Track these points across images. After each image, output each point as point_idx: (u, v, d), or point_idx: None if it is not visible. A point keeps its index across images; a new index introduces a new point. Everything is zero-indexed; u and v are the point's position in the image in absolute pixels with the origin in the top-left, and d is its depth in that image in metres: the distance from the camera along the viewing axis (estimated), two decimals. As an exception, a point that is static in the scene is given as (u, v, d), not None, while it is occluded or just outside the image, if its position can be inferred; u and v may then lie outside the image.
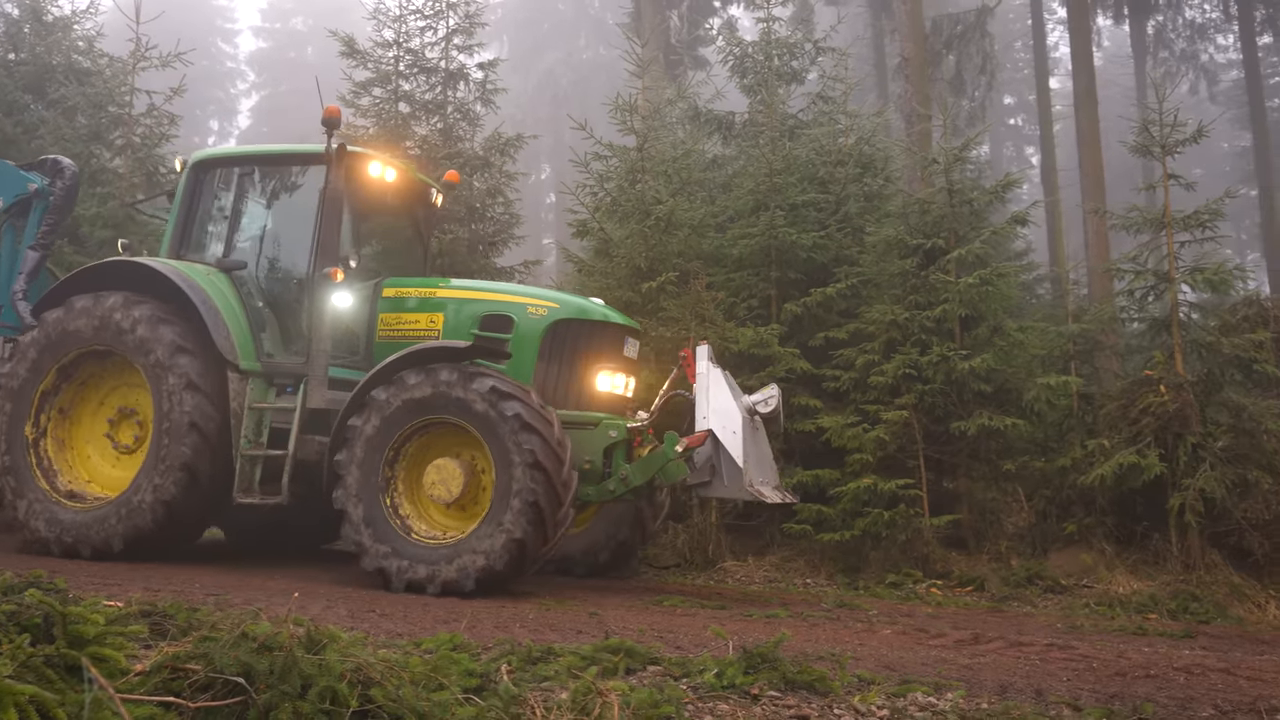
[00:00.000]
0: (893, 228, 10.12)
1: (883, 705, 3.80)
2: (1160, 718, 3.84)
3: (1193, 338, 9.00)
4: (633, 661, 4.16)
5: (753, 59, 13.42)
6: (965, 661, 4.98)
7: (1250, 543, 8.11)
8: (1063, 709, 3.91)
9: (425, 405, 6.80)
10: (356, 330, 7.90)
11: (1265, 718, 3.88)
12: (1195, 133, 9.05)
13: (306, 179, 8.16)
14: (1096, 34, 30.04)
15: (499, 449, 6.57)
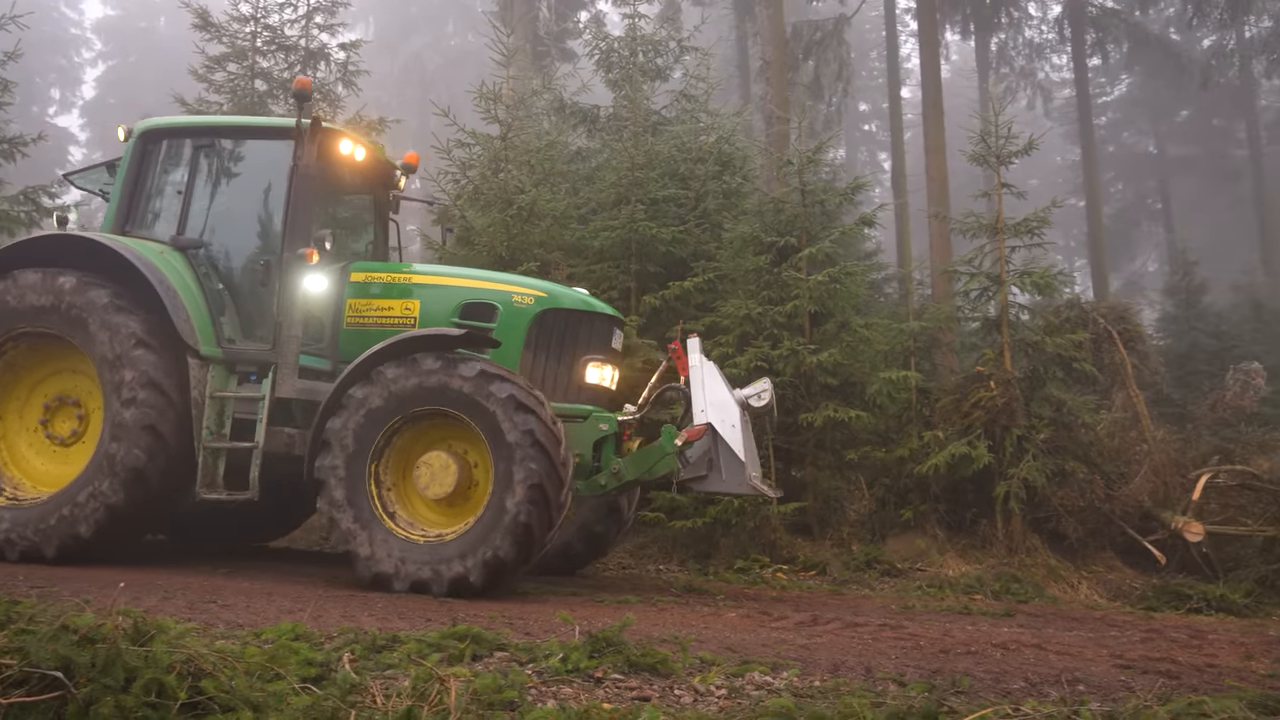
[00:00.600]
0: (749, 225, 10.36)
1: (721, 685, 3.91)
2: (976, 690, 4.07)
3: (1020, 337, 9.55)
4: (479, 648, 4.15)
5: (619, 54, 13.49)
6: (803, 642, 5.16)
7: (1066, 528, 8.70)
8: (889, 684, 4.10)
9: (411, 397, 6.43)
10: (321, 316, 7.38)
11: (1068, 687, 4.16)
12: (1026, 145, 9.60)
13: (272, 154, 7.50)
14: (945, 48, 31.35)
15: (495, 434, 6.24)
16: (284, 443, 6.95)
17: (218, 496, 6.83)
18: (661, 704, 3.61)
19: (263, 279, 7.33)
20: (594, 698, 3.61)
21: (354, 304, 7.44)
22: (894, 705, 3.48)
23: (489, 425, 6.28)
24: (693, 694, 3.78)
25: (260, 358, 7.14)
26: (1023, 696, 3.95)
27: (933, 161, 19.67)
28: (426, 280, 7.56)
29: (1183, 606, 7.71)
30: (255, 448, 6.78)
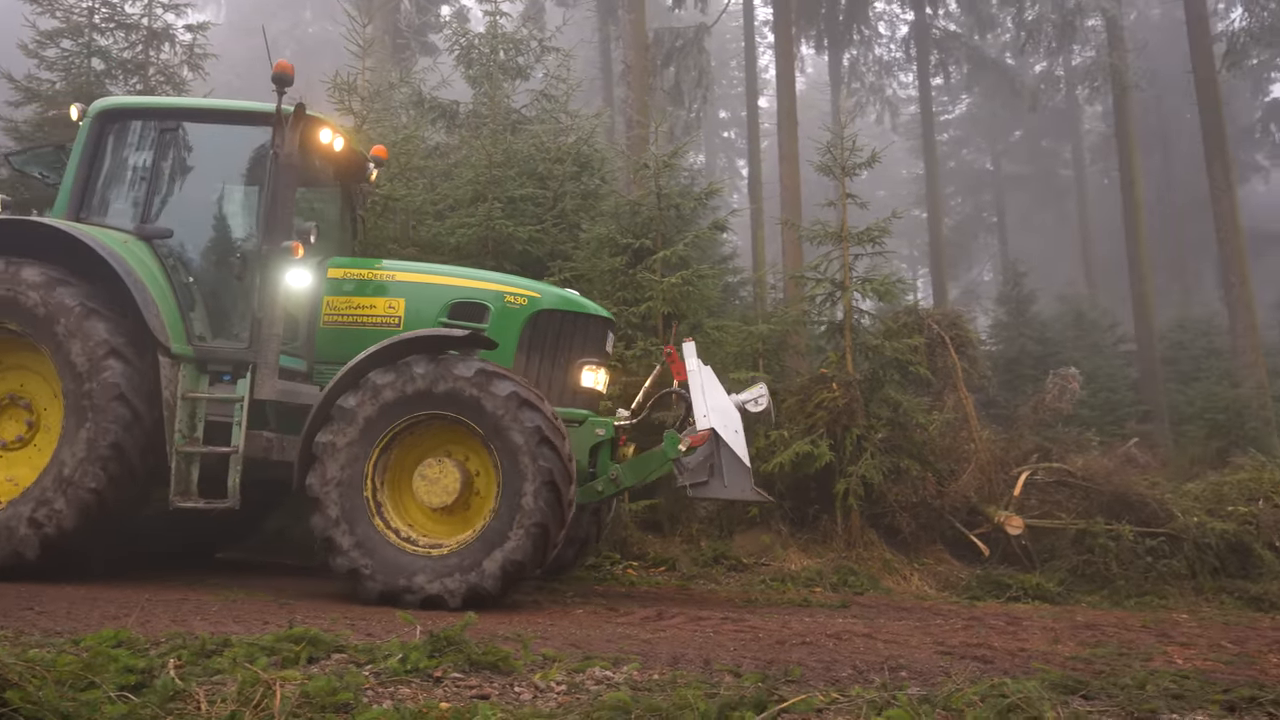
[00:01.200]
0: (605, 226, 10.43)
1: (562, 681, 3.92)
2: (806, 678, 4.22)
3: (861, 341, 9.94)
4: (316, 650, 4.03)
5: (480, 51, 13.35)
6: (647, 637, 5.23)
7: (900, 522, 9.10)
8: (725, 675, 4.20)
9: (406, 404, 6.10)
10: (296, 314, 6.93)
11: (891, 673, 4.36)
12: (870, 158, 10.00)
13: (247, 140, 7.07)
14: (800, 61, 32.38)
15: (499, 434, 5.97)
16: (262, 447, 6.55)
17: (193, 505, 6.34)
18: (500, 701, 3.60)
19: (238, 273, 6.90)
20: (432, 697, 3.57)
21: (332, 301, 7.04)
22: (727, 695, 3.57)
23: (492, 426, 6.00)
24: (533, 690, 3.78)
25: (234, 356, 6.71)
26: (849, 683, 4.11)
27: (786, 170, 20.25)
28: (412, 278, 7.17)
29: (1003, 595, 8.19)
30: (235, 453, 6.36)
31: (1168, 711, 3.64)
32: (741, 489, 6.64)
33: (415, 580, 5.92)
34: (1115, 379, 20.07)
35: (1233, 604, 8.24)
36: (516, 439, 5.93)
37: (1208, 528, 8.79)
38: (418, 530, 6.26)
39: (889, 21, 32.87)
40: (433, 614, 5.51)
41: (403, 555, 6.01)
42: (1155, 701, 3.78)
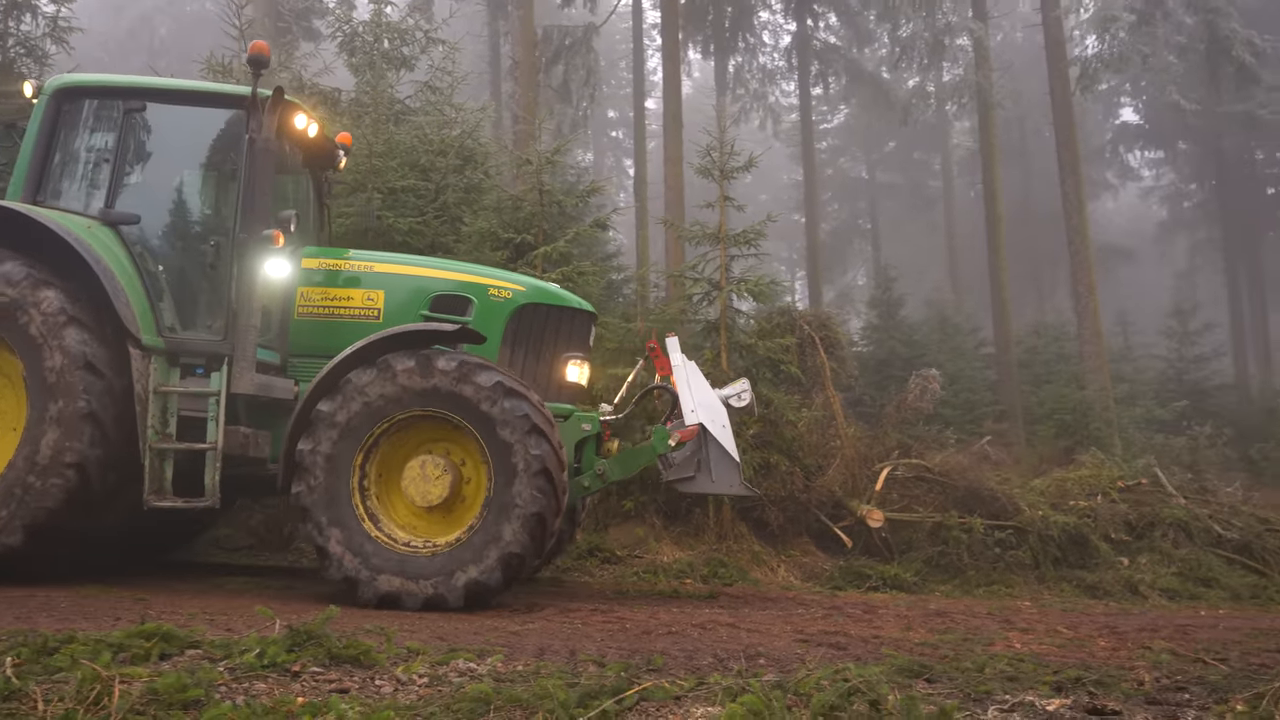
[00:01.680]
0: (487, 220, 10.34)
1: (424, 674, 3.87)
2: (668, 667, 4.28)
3: (736, 340, 10.12)
4: (169, 646, 3.88)
5: (363, 39, 13.05)
6: (515, 629, 5.22)
7: (769, 516, 9.31)
8: (589, 665, 4.22)
9: (389, 404, 5.92)
10: (269, 305, 6.58)
11: (749, 661, 4.46)
12: (748, 162, 10.18)
13: (219, 123, 6.73)
14: (687, 65, 32.73)
15: (486, 426, 5.83)
16: (239, 443, 6.27)
17: (170, 504, 6.06)
18: (360, 695, 3.54)
19: (211, 261, 6.56)
20: (288, 692, 3.48)
21: (306, 292, 6.73)
22: (587, 684, 3.59)
23: (478, 418, 5.86)
24: (394, 684, 3.73)
25: (207, 349, 6.40)
26: (709, 670, 4.19)
27: (671, 171, 20.42)
28: (392, 269, 6.91)
29: (863, 585, 8.48)
30: (213, 449, 6.08)
31: (1002, 693, 3.82)
32: (730, 484, 6.65)
33: (412, 582, 5.79)
34: (975, 380, 20.97)
35: (1071, 592, 8.73)
36: (505, 430, 5.81)
37: (1051, 521, 9.29)
38: (410, 531, 6.11)
39: (773, 31, 33.50)
40: (296, 608, 5.37)
41: (396, 557, 5.86)
42: (991, 683, 3.98)
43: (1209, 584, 9.03)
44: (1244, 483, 13.61)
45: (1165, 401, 20.64)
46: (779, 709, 3.14)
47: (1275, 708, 3.66)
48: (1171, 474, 11.49)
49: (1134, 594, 8.64)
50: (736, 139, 10.54)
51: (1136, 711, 3.64)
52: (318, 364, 6.34)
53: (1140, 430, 17.72)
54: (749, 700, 3.24)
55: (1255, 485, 14.42)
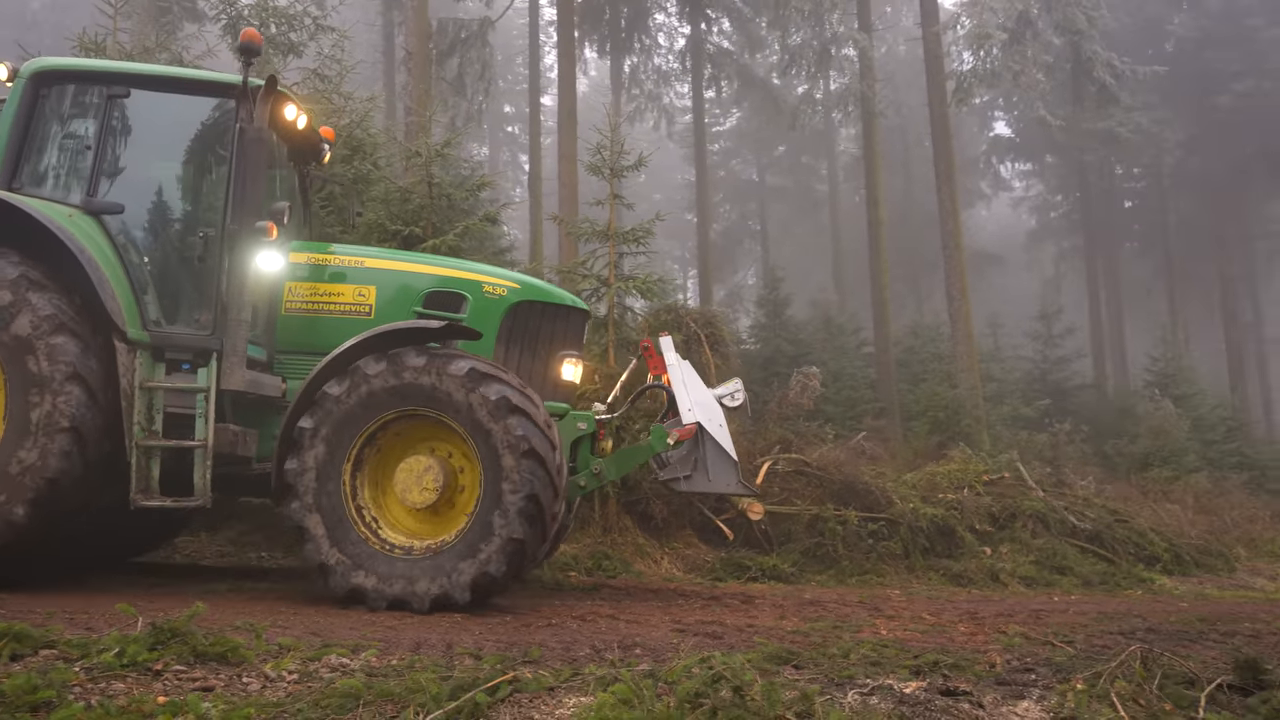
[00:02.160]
0: (375, 212, 10.12)
1: (294, 670, 3.78)
2: (545, 658, 4.28)
3: (624, 336, 10.17)
4: (21, 646, 3.68)
5: (248, 22, 12.59)
6: (392, 624, 5.13)
7: (654, 509, 9.38)
8: (465, 659, 4.19)
9: (393, 397, 5.75)
10: (258, 299, 6.33)
11: (626, 651, 4.50)
12: (637, 161, 10.24)
13: (208, 111, 6.42)
14: (584, 63, 32.64)
15: (484, 440, 5.63)
16: (229, 441, 6.04)
17: (158, 503, 5.84)
18: (226, 693, 3.43)
19: (201, 254, 6.25)
20: (150, 691, 3.35)
21: (294, 287, 6.51)
22: (461, 677, 3.56)
23: (478, 429, 5.67)
24: (262, 680, 3.62)
25: (194, 344, 6.15)
26: (586, 661, 4.21)
27: (565, 168, 20.37)
28: (385, 264, 6.69)
29: (743, 576, 8.64)
30: (203, 447, 5.86)
31: (863, 677, 3.95)
32: (727, 482, 6.58)
33: (382, 580, 5.63)
34: (856, 378, 21.59)
35: (938, 580, 9.08)
36: (485, 416, 5.64)
37: (921, 513, 9.64)
38: (399, 528, 5.94)
39: (668, 33, 33.76)
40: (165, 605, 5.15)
41: (374, 553, 5.69)
42: (855, 669, 4.10)
43: (1063, 571, 9.51)
44: (1097, 477, 14.41)
45: (1030, 400, 21.64)
46: (649, 697, 3.18)
47: (1111, 685, 3.88)
48: (1032, 468, 12.07)
49: (995, 581, 9.03)
50: (631, 138, 10.60)
51: (986, 692, 3.80)
52: (305, 361, 6.23)
53: (1007, 427, 18.54)
54: (619, 689, 3.27)
55: (1108, 479, 15.27)
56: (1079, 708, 3.62)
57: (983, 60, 19.92)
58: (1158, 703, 3.81)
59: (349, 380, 5.79)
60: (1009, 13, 19.73)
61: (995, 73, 19.97)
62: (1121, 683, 3.92)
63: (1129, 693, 3.84)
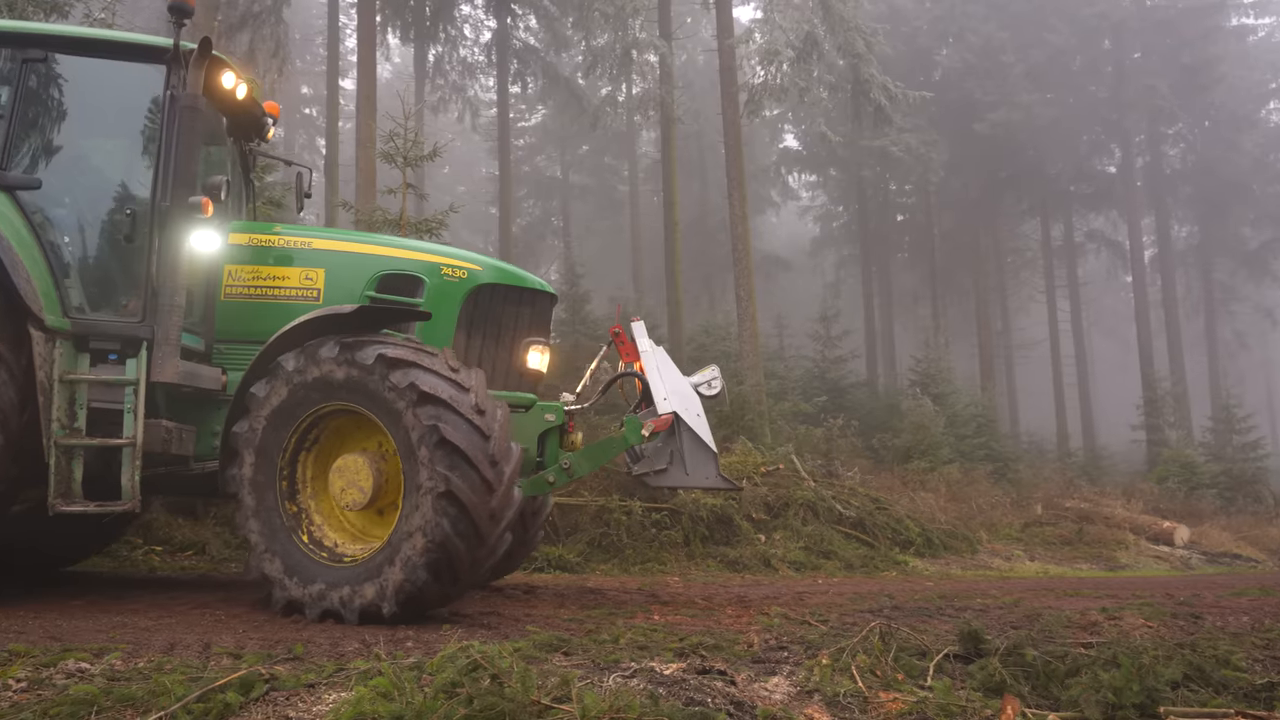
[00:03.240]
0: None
1: (24, 677, 3.47)
2: (311, 654, 4.12)
3: (415, 327, 9.94)
4: None
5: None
6: (147, 624, 4.81)
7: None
8: (223, 658, 3.98)
9: (314, 393, 5.21)
10: (194, 284, 5.71)
11: (394, 645, 4.40)
12: (431, 152, 10.04)
13: (137, 78, 5.73)
14: (386, 49, 31.62)
15: (400, 432, 5.03)
16: (161, 439, 5.42)
17: (79, 509, 5.14)
18: (-62, 706, 3.10)
19: (128, 233, 5.60)
20: None
21: (235, 271, 5.95)
22: (211, 677, 3.38)
23: (395, 421, 5.08)
24: (-18, 691, 3.30)
25: (122, 332, 5.50)
26: (354, 655, 4.10)
27: (362, 154, 19.68)
28: (333, 245, 6.11)
29: (528, 567, 8.64)
30: (131, 445, 5.20)
31: (629, 660, 4.05)
32: (705, 475, 6.04)
33: (315, 591, 5.11)
34: (650, 374, 22.01)
35: (715, 566, 9.43)
36: (398, 405, 5.05)
37: (701, 503, 9.97)
38: (342, 534, 5.44)
39: (474, 25, 33.26)
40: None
41: (310, 561, 5.20)
42: (622, 653, 4.20)
43: (829, 555, 10.11)
44: (864, 468, 15.39)
45: (810, 396, 22.84)
46: (410, 688, 3.12)
47: (853, 659, 4.16)
48: (807, 460, 12.75)
49: (767, 567, 9.48)
50: (435, 129, 10.39)
51: (741, 670, 3.98)
52: (248, 350, 5.67)
53: (788, 422, 19.46)
54: (379, 683, 3.20)
55: (874, 470, 16.34)
56: (822, 680, 3.85)
57: (773, 75, 20.80)
58: (892, 673, 4.12)
59: (271, 380, 5.32)
60: (798, 32, 20.70)
61: (784, 88, 20.88)
62: (862, 656, 4.21)
63: (868, 665, 4.13)
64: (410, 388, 5.01)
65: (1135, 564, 13.31)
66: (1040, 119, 31.00)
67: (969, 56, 31.99)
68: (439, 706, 2.80)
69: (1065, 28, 31.55)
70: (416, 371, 5.07)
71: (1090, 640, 5.26)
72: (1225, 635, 5.76)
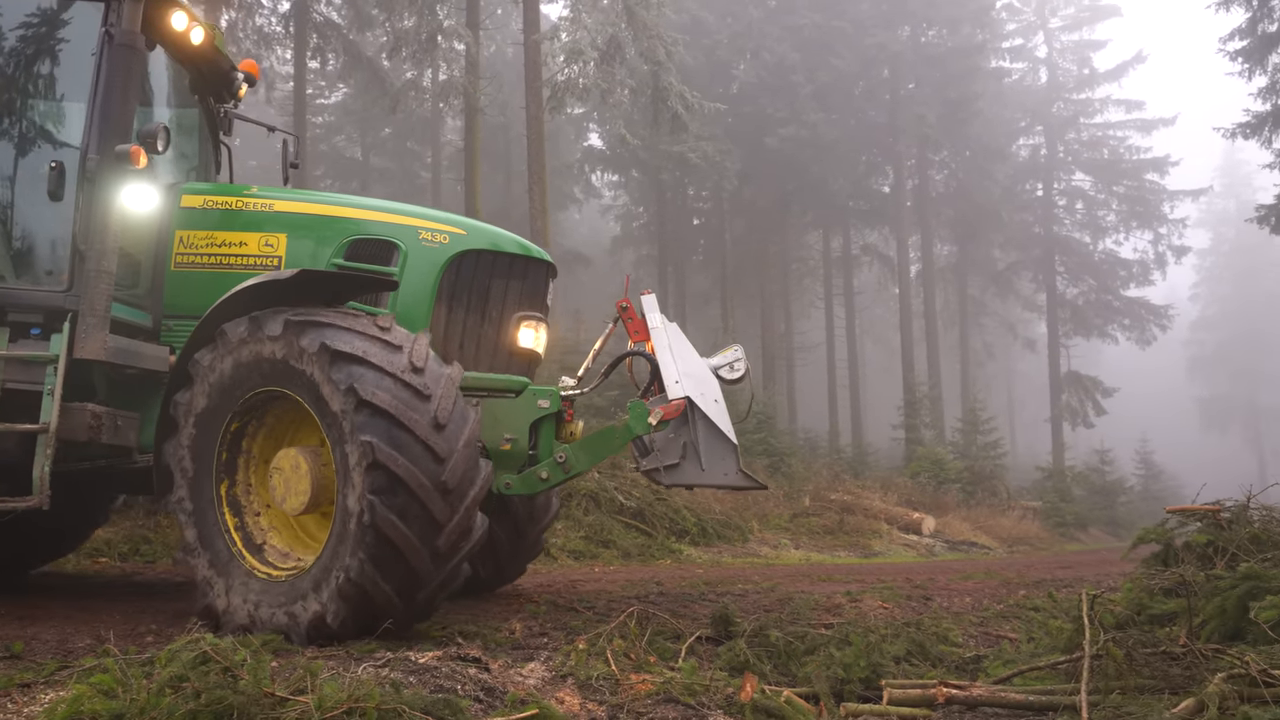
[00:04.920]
0: None
1: None
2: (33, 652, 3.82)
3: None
4: None
5: None
6: None
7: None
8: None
9: (233, 383, 4.43)
10: (138, 252, 5.14)
11: (133, 640, 4.12)
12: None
13: (66, 14, 5.14)
14: (173, 9, 29.31)
15: (320, 406, 4.21)
16: (87, 425, 4.64)
17: None
18: None
19: (52, 189, 4.84)
20: None
21: (187, 237, 5.25)
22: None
23: (311, 395, 4.26)
24: None
25: (45, 303, 4.83)
26: (85, 652, 3.86)
27: (138, 119, 18.17)
28: (296, 207, 5.36)
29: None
30: (44, 432, 4.45)
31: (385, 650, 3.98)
32: (724, 472, 5.10)
33: (261, 608, 4.27)
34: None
35: (496, 556, 9.38)
36: (336, 407, 4.16)
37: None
38: (292, 542, 4.66)
39: (272, -6, 31.43)
40: None
41: (240, 569, 4.40)
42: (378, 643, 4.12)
43: (608, 544, 10.29)
44: (649, 460, 15.75)
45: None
46: (136, 685, 2.92)
47: (609, 644, 4.26)
48: (592, 452, 12.88)
49: (547, 556, 9.53)
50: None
51: (500, 656, 3.99)
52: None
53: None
54: (101, 679, 2.98)
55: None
56: (577, 665, 3.92)
57: (576, 74, 20.91)
58: (645, 656, 4.25)
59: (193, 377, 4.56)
60: (603, 34, 20.92)
61: (586, 88, 21.04)
62: (618, 640, 4.32)
63: (623, 649, 4.24)
64: (321, 350, 4.20)
65: (887, 551, 14.37)
66: (825, 138, 32.79)
67: (764, 74, 33.39)
68: (163, 702, 2.64)
69: (849, 54, 33.52)
70: (328, 331, 4.27)
71: (831, 621, 5.64)
72: (948, 615, 6.33)
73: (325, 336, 4.22)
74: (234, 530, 4.51)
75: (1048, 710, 3.48)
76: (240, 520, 4.56)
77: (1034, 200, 41.42)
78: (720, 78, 34.56)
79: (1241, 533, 4.82)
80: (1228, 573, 4.41)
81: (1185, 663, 3.75)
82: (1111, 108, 40.60)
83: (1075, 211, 41.55)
